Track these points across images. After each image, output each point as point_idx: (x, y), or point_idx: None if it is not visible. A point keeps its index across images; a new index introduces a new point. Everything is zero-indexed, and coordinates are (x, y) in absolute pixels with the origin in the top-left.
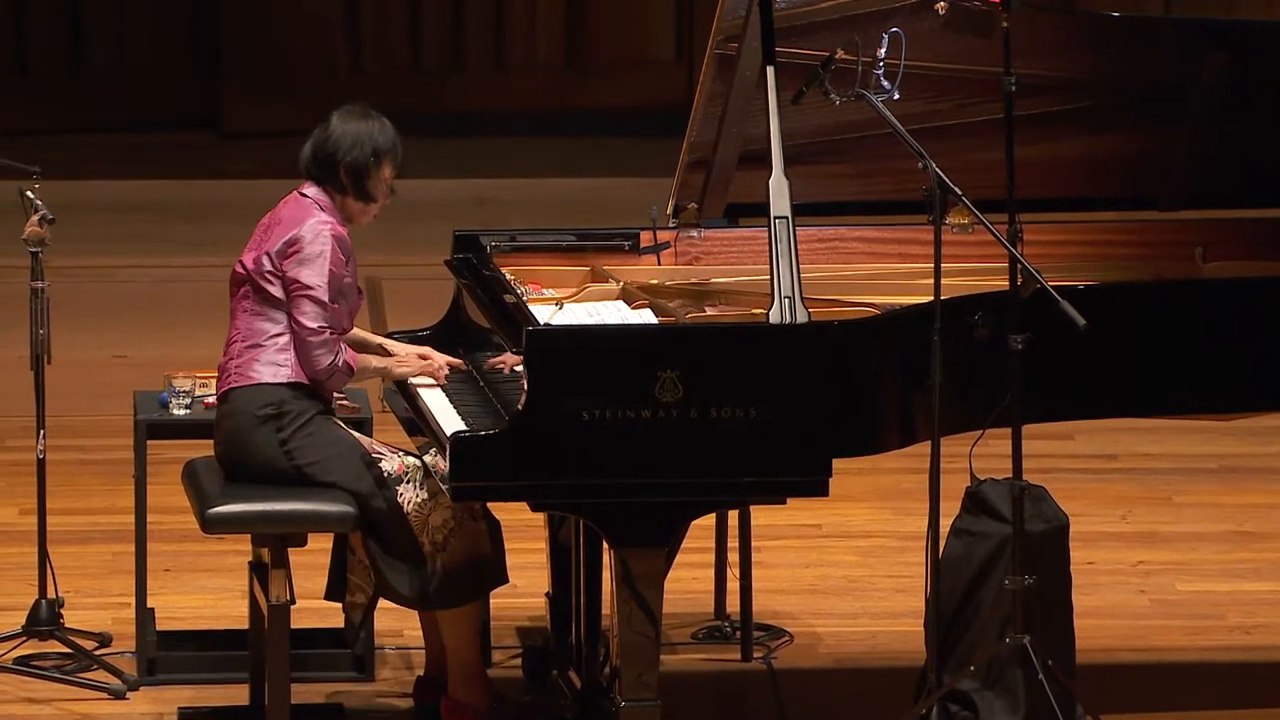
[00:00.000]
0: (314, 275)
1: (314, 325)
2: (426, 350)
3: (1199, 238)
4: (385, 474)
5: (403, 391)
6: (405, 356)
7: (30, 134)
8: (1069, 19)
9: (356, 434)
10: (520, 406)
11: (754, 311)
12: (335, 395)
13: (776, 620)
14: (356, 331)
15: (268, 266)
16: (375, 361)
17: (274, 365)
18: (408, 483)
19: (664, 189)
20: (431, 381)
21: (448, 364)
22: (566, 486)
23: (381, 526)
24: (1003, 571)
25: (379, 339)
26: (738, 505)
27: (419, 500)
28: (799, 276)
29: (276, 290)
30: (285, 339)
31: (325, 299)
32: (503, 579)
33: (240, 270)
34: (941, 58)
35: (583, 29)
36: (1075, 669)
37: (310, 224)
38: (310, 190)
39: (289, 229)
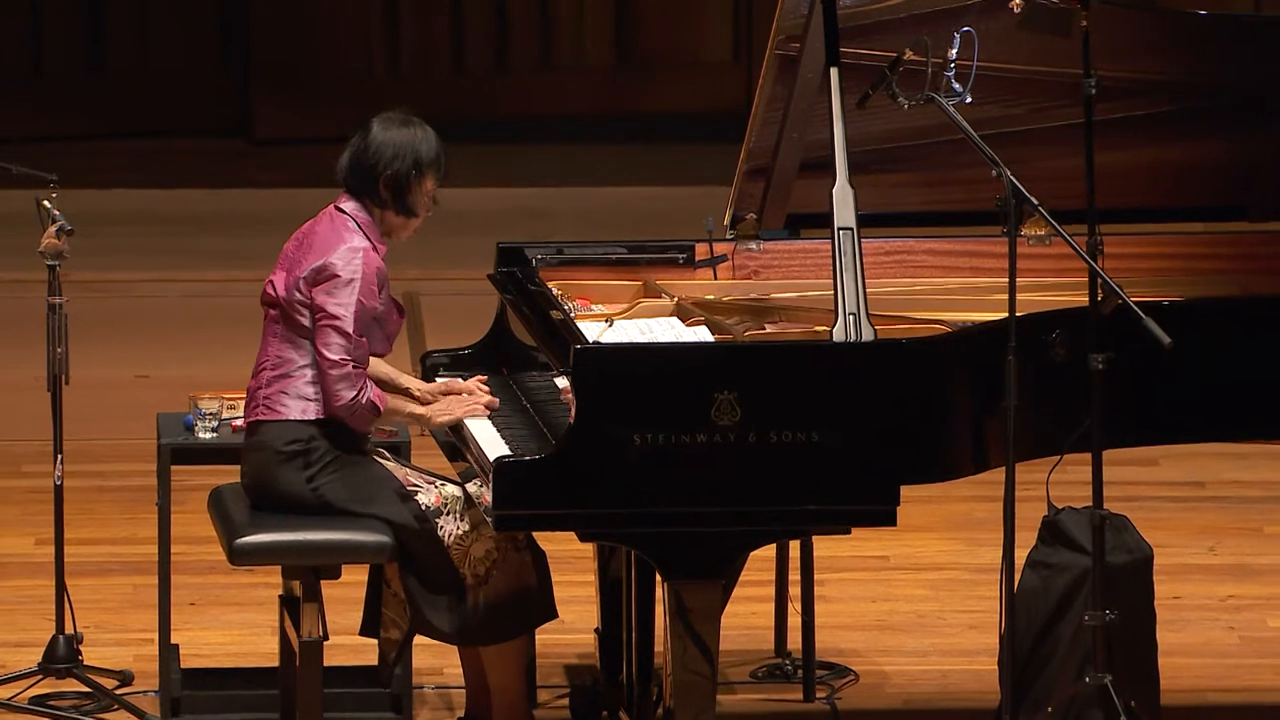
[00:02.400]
0: (340, 305)
1: (335, 357)
2: (453, 383)
3: None
4: (423, 508)
5: None
6: (446, 403)
7: (47, 140)
8: (1153, 17)
9: (391, 464)
10: (568, 429)
11: (816, 329)
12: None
13: (841, 658)
14: (383, 367)
15: (298, 295)
16: (409, 407)
17: (303, 400)
18: (447, 515)
19: (721, 198)
20: (451, 422)
21: (482, 392)
22: (617, 515)
23: (420, 561)
24: (1082, 606)
25: (406, 381)
26: (800, 535)
27: (460, 533)
28: (864, 292)
29: (306, 320)
30: (315, 371)
31: (350, 330)
32: (551, 613)
33: (271, 292)
34: (1016, 59)
35: (634, 28)
36: (1160, 711)
37: (342, 250)
38: (348, 205)
39: (321, 254)
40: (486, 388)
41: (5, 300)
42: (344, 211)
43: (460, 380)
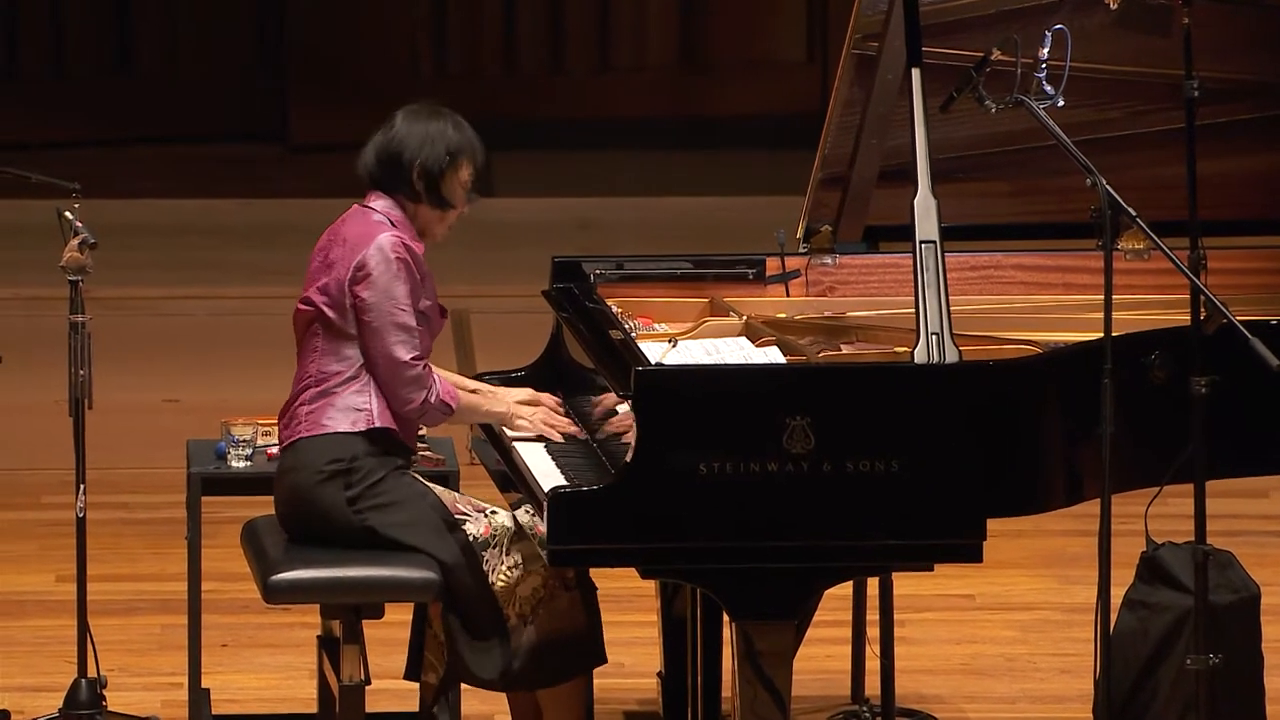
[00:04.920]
0: (392, 300)
1: (406, 357)
2: (530, 393)
3: None
4: (470, 538)
5: (495, 442)
6: (530, 412)
7: (69, 146)
8: (1260, 13)
9: (439, 489)
10: (628, 458)
11: (896, 350)
12: (418, 445)
13: (923, 705)
14: (444, 374)
15: (337, 297)
16: (487, 405)
17: (352, 411)
18: (494, 548)
19: (793, 209)
20: (527, 430)
21: (557, 406)
22: (681, 550)
23: (463, 599)
24: (1184, 649)
25: (472, 384)
26: (878, 572)
27: (507, 567)
28: (948, 310)
29: (349, 325)
30: (363, 380)
31: (412, 323)
32: (600, 658)
33: (306, 308)
34: (1113, 59)
35: (700, 25)
36: None
37: (379, 241)
38: (378, 203)
39: (356, 251)
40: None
41: (24, 318)
42: (373, 209)
43: (543, 395)
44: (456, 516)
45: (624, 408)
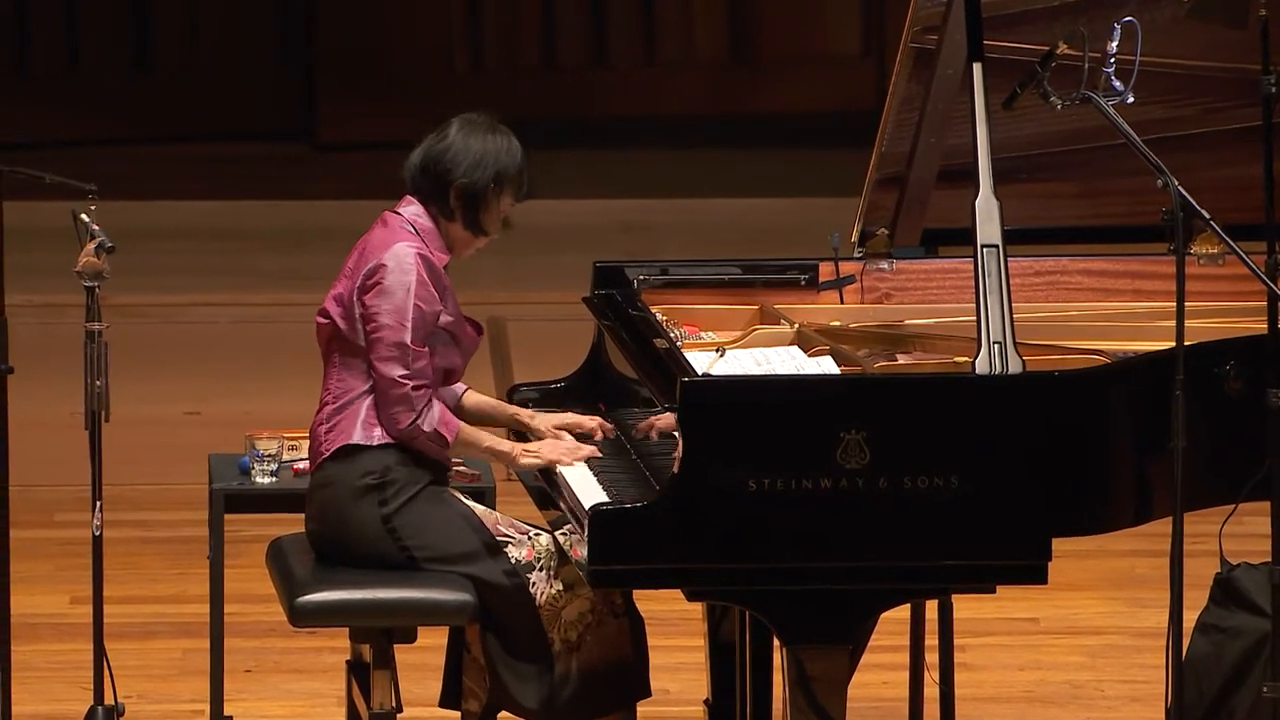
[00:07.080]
0: (394, 313)
1: (393, 375)
2: (570, 418)
3: None
4: (513, 561)
5: None
6: (538, 444)
7: (85, 145)
8: None
9: (479, 509)
10: (674, 474)
11: (956, 360)
12: (452, 460)
13: None
14: (482, 399)
15: (349, 306)
16: (489, 441)
17: (370, 425)
18: (539, 570)
19: (848, 211)
20: (537, 465)
21: (598, 429)
22: (729, 571)
23: (505, 624)
24: (1260, 676)
25: (513, 409)
26: (937, 594)
27: (552, 592)
28: (1011, 317)
29: (359, 336)
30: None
31: (407, 341)
32: (645, 691)
33: (323, 320)
34: (1185, 53)
35: (751, 19)
36: None
37: (395, 250)
38: (407, 210)
39: (372, 258)
40: (610, 426)
41: (38, 326)
42: (401, 214)
43: (584, 418)
44: (498, 538)
45: (659, 420)
